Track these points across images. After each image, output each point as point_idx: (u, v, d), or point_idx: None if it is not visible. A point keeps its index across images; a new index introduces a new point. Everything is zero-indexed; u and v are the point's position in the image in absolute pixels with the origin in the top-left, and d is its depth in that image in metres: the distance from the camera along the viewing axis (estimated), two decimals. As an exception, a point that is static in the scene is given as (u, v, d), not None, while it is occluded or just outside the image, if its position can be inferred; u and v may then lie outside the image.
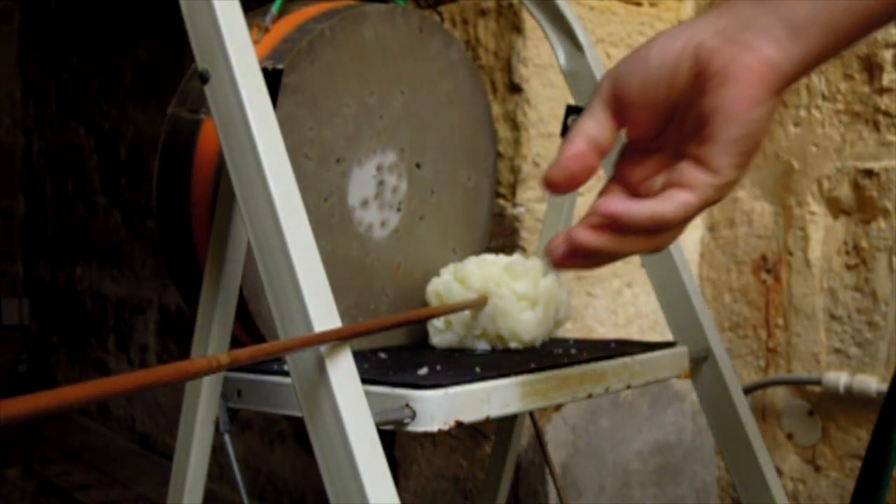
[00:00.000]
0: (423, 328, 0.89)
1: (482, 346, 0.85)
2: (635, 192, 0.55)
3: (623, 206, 0.52)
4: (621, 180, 0.56)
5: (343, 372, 0.57)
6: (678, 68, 0.51)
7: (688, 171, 0.51)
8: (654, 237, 0.53)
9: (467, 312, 0.84)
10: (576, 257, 0.53)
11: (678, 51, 0.51)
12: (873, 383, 1.30)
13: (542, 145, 1.30)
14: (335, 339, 0.57)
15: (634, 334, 1.42)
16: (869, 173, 1.31)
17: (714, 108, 0.50)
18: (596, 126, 0.53)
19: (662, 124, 0.54)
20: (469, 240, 1.00)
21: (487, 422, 0.68)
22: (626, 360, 0.80)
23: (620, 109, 0.53)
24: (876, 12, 0.50)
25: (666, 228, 0.52)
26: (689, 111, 0.52)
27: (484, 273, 0.85)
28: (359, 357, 0.61)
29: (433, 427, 0.63)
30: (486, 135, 1.00)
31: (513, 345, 0.85)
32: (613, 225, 0.52)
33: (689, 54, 0.51)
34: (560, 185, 0.53)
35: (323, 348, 0.57)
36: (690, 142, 0.51)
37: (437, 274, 0.90)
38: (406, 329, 0.91)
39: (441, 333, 0.86)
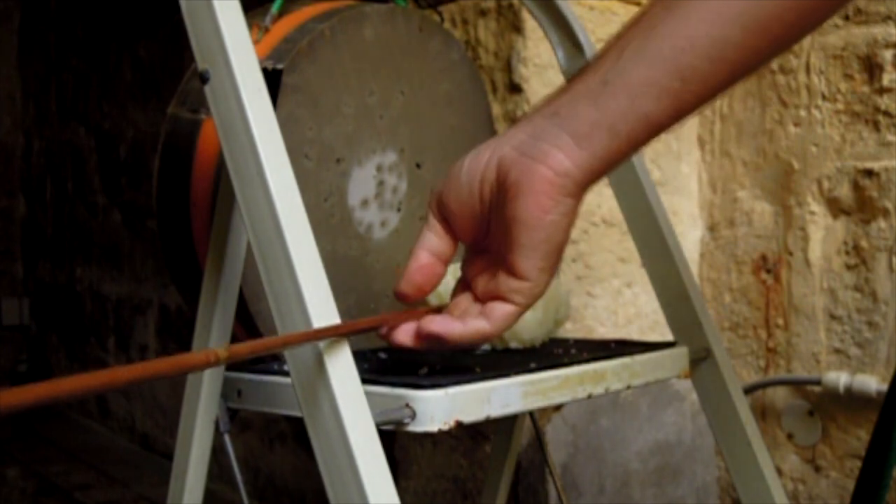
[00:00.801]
0: (423, 328, 0.89)
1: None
2: (474, 292, 0.60)
3: (446, 328, 0.57)
4: (465, 280, 0.61)
5: (342, 369, 0.57)
6: (484, 182, 0.56)
7: (503, 279, 0.56)
8: (477, 345, 0.59)
9: (467, 312, 0.84)
10: (399, 349, 0.59)
11: (483, 166, 0.56)
12: (873, 383, 1.30)
13: (542, 145, 1.30)
14: (334, 335, 0.57)
15: (634, 334, 1.42)
16: (869, 173, 1.31)
17: (513, 218, 0.54)
18: (435, 239, 0.60)
19: (484, 231, 0.59)
20: (469, 240, 0.99)
21: (487, 422, 0.68)
22: (626, 360, 0.80)
23: (447, 221, 0.59)
24: (655, 118, 0.53)
25: (490, 337, 0.58)
26: (499, 220, 0.56)
27: (484, 273, 0.85)
28: (359, 357, 0.61)
29: (433, 427, 0.63)
30: (486, 135, 1.00)
31: (513, 345, 0.85)
32: (438, 341, 0.57)
33: (492, 168, 0.56)
34: (410, 295, 0.60)
35: (322, 344, 0.57)
36: (503, 247, 0.56)
37: (437, 274, 0.90)
38: (406, 329, 0.91)
39: (441, 333, 0.86)
